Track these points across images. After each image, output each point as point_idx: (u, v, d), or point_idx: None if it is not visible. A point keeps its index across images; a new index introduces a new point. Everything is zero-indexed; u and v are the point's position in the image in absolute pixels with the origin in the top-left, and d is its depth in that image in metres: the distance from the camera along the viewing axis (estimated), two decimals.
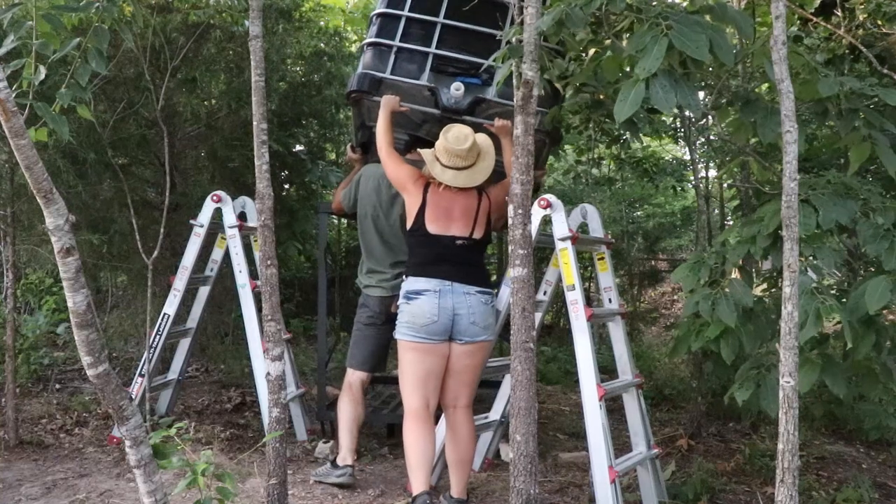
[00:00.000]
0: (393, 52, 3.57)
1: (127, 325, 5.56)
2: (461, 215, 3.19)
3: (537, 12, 2.55)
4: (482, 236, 3.24)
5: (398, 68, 3.57)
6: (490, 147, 3.25)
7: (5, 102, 1.86)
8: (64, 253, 1.96)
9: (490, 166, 3.23)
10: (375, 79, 3.53)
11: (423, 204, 3.19)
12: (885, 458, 4.13)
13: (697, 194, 5.96)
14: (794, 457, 2.07)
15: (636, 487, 3.31)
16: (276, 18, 5.29)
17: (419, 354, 3.09)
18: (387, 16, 3.64)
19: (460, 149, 3.13)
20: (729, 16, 2.53)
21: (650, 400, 4.91)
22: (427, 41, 3.57)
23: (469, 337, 3.11)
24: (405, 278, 3.20)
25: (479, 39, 3.52)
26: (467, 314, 3.08)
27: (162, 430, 2.23)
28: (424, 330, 3.06)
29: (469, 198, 3.22)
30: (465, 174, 3.18)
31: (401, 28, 3.60)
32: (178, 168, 5.27)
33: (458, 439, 3.18)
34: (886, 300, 2.39)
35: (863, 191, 2.69)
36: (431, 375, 3.10)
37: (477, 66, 3.51)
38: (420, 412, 3.08)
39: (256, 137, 2.66)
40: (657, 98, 2.21)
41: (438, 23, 3.56)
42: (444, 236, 3.16)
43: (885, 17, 3.52)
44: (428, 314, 3.05)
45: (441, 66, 3.54)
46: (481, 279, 3.20)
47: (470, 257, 3.20)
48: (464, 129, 3.19)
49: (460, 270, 3.13)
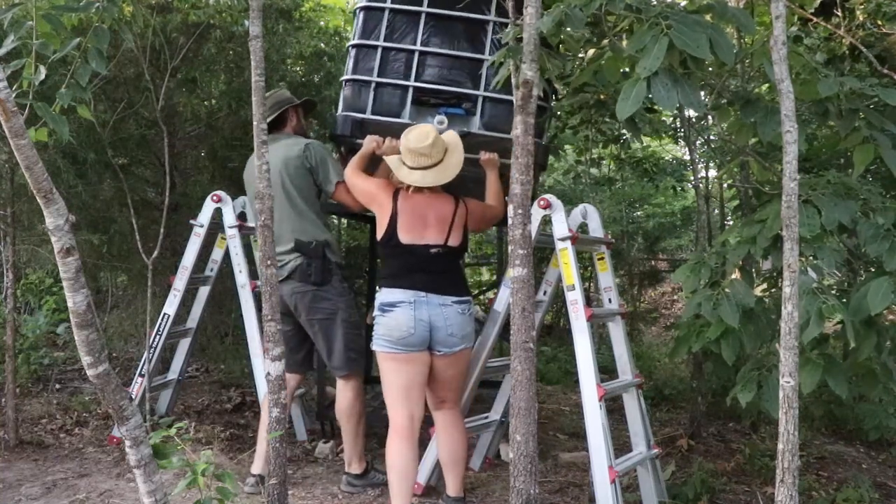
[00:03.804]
0: (372, 88, 3.50)
1: (127, 325, 5.56)
2: (436, 222, 3.09)
3: (537, 12, 2.55)
4: (458, 244, 3.12)
5: (378, 104, 3.49)
6: (458, 142, 3.16)
7: (5, 102, 1.86)
8: (64, 253, 1.96)
9: (459, 161, 3.12)
10: (357, 121, 3.46)
11: (395, 212, 3.08)
12: (885, 458, 4.13)
13: (697, 194, 5.97)
14: (794, 457, 2.07)
15: (636, 487, 3.31)
16: (276, 18, 5.29)
17: (398, 364, 3.01)
18: (362, 46, 3.58)
19: (423, 146, 3.02)
20: (729, 14, 2.53)
21: (650, 400, 4.91)
22: (407, 70, 3.49)
23: (447, 348, 3.03)
24: (379, 289, 3.11)
25: (459, 64, 3.47)
26: (444, 326, 2.99)
27: (162, 430, 2.22)
28: (402, 342, 2.97)
29: (444, 203, 3.13)
30: (432, 173, 3.07)
31: (378, 59, 3.52)
32: (178, 168, 5.27)
33: (449, 439, 3.14)
34: (889, 301, 2.39)
35: (863, 191, 2.69)
36: (414, 385, 3.02)
37: (459, 95, 3.45)
38: (405, 428, 2.99)
39: (256, 137, 2.66)
40: (659, 97, 2.21)
41: (416, 51, 3.48)
42: (417, 245, 3.05)
43: (885, 17, 3.52)
44: (404, 327, 2.96)
45: (422, 98, 3.46)
46: (458, 288, 3.10)
47: (445, 265, 3.09)
48: (425, 127, 3.11)
49: (435, 280, 3.03)
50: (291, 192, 3.39)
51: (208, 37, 4.95)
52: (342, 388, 3.43)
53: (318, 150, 3.45)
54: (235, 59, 5.13)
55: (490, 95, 3.43)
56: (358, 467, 3.46)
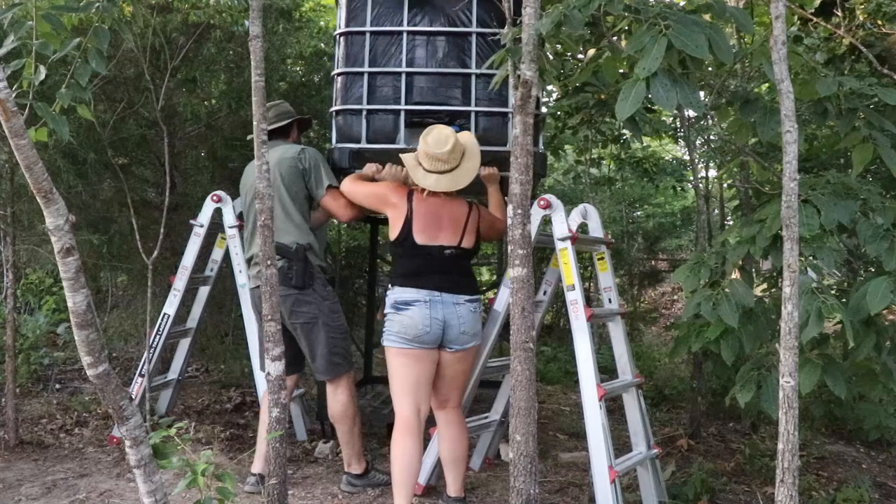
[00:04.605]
0: (364, 116, 3.51)
1: (127, 325, 5.56)
2: (450, 223, 3.13)
3: (535, 12, 2.55)
4: (471, 246, 3.18)
5: (372, 132, 3.50)
6: (475, 146, 3.16)
7: (5, 102, 1.86)
8: (64, 253, 1.96)
9: (475, 167, 3.14)
10: (353, 151, 3.48)
11: (410, 214, 3.11)
12: (885, 458, 4.13)
13: (697, 194, 5.97)
14: (794, 457, 2.07)
15: (636, 487, 3.32)
16: (276, 18, 5.29)
17: (410, 360, 3.05)
18: (348, 74, 3.56)
19: (441, 152, 3.03)
20: (728, 13, 2.53)
21: (650, 400, 4.91)
22: (396, 93, 3.48)
23: (459, 345, 3.09)
24: (391, 287, 3.14)
25: (449, 80, 3.48)
26: (458, 324, 3.05)
27: (162, 430, 2.22)
28: (417, 340, 3.02)
29: (458, 206, 3.17)
30: (447, 178, 3.09)
31: (365, 85, 3.52)
32: (178, 168, 5.27)
33: (451, 439, 3.17)
34: (888, 301, 2.39)
35: (862, 191, 2.69)
36: (422, 381, 3.07)
37: (451, 113, 3.45)
38: (410, 421, 3.03)
39: (256, 137, 2.66)
40: (658, 97, 2.21)
41: (403, 73, 3.46)
42: (432, 246, 3.10)
43: (885, 17, 3.52)
44: (420, 325, 3.01)
45: (415, 120, 3.44)
46: (470, 287, 3.16)
47: (458, 266, 3.15)
48: (444, 129, 3.11)
49: (449, 280, 3.08)
50: (281, 190, 3.39)
51: (208, 37, 4.95)
52: (332, 393, 3.41)
53: (313, 154, 3.46)
54: (235, 59, 5.13)
55: (482, 110, 3.45)
56: (358, 467, 3.46)
